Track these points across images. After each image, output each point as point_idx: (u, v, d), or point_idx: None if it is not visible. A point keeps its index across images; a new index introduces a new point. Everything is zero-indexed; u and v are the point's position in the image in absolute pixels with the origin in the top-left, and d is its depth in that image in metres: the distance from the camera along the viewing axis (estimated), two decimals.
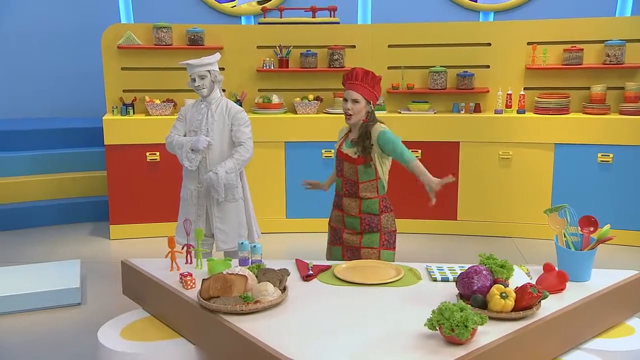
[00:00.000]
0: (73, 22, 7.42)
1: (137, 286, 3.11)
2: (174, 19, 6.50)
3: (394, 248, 3.70)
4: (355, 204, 3.60)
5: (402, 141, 3.83)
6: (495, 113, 5.90)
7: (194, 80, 4.19)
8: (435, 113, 6.00)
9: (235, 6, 7.66)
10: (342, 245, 3.64)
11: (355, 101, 3.49)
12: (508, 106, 5.90)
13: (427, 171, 3.57)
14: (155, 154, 5.80)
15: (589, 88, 5.83)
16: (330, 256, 3.71)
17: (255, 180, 5.82)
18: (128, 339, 2.78)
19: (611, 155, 5.61)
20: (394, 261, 3.62)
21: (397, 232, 5.90)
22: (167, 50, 5.98)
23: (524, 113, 5.87)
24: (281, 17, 6.41)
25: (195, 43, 5.98)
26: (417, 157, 5.81)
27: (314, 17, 6.39)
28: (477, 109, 5.98)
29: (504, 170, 5.87)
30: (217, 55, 4.34)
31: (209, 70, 4.21)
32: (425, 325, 2.35)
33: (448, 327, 2.28)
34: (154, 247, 5.53)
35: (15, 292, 4.40)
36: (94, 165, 6.59)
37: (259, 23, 6.45)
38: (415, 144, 5.92)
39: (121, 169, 5.84)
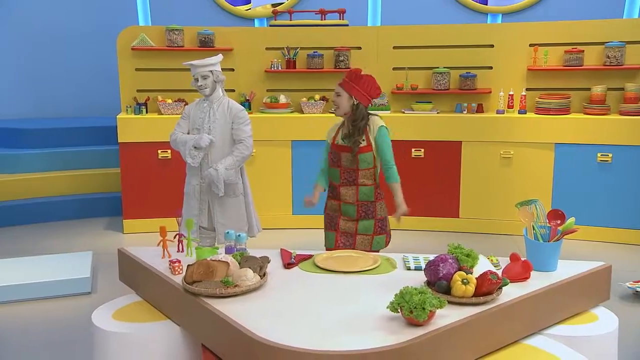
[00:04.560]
0: (93, 25, 7.70)
1: (131, 272, 3.31)
2: (190, 21, 6.73)
3: (385, 232, 4.01)
4: (353, 192, 3.87)
5: (405, 140, 4.41)
6: (497, 113, 6.02)
7: (196, 80, 4.38)
8: (438, 113, 6.13)
9: (249, 9, 7.88)
10: (337, 232, 3.88)
11: (337, 94, 3.83)
12: (510, 106, 6.01)
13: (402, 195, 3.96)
14: (166, 151, 6.02)
15: (589, 89, 5.91)
16: (326, 242, 3.97)
17: (263, 178, 6.04)
18: (119, 320, 2.98)
19: (610, 155, 5.68)
20: (385, 245, 3.98)
21: (401, 229, 6.15)
22: (179, 51, 6.21)
23: (525, 113, 5.97)
24: (291, 20, 6.60)
25: (206, 45, 6.20)
26: (419, 156, 6.03)
27: (322, 19, 6.56)
28: (479, 109, 6.10)
29: (505, 169, 5.98)
30: (220, 57, 4.51)
31: (211, 71, 4.37)
32: (387, 307, 2.51)
33: (407, 309, 2.43)
34: (170, 244, 5.75)
35: (31, 281, 4.65)
36: (109, 162, 6.85)
37: (270, 25, 6.65)
38: (418, 143, 6.07)
39: (134, 166, 6.08)
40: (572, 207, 5.69)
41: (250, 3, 7.88)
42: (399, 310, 2.48)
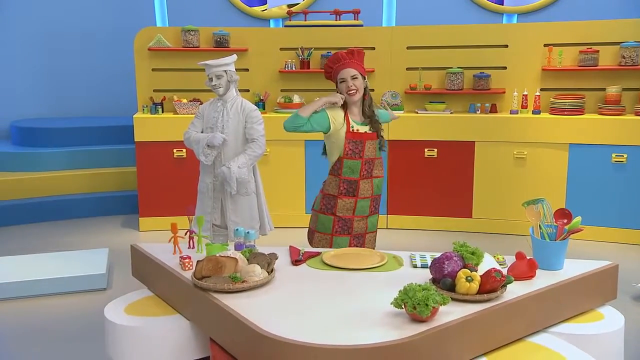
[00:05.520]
0: (112, 26, 7.83)
1: (144, 268, 3.38)
2: (207, 22, 6.81)
3: None
4: (369, 185, 3.73)
5: (418, 140, 5.36)
6: (510, 113, 6.02)
7: (211, 79, 4.44)
8: (451, 113, 6.15)
9: (265, 10, 7.94)
10: (350, 235, 3.76)
11: (354, 77, 3.64)
12: (524, 107, 6.00)
13: None
14: (182, 150, 6.10)
15: (604, 89, 5.90)
16: (326, 245, 3.80)
17: (277, 177, 6.10)
18: (131, 314, 3.04)
19: (625, 156, 5.66)
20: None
21: (412, 229, 6.26)
22: (195, 52, 6.28)
23: (540, 113, 5.97)
24: (305, 20, 6.64)
25: (221, 45, 6.27)
26: (433, 156, 6.05)
27: (337, 20, 6.60)
28: (493, 110, 6.10)
29: (518, 169, 5.97)
30: (234, 57, 4.57)
31: (225, 71, 4.43)
32: (391, 303, 2.54)
33: (411, 305, 2.46)
34: (181, 240, 5.83)
35: (48, 277, 4.76)
36: (126, 161, 6.97)
37: (285, 26, 6.71)
38: (432, 143, 6.09)
39: (150, 164, 6.17)
40: (586, 208, 5.70)
41: (266, 4, 7.94)
42: (403, 306, 2.51)
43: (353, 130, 3.68)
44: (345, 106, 3.74)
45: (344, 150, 3.67)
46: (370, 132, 3.72)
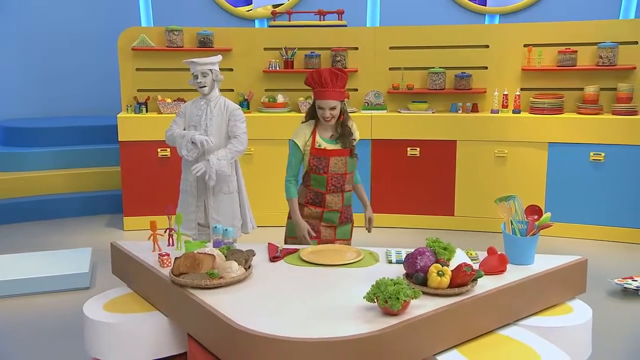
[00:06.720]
0: (97, 26, 7.84)
1: (123, 265, 3.41)
2: (192, 23, 6.85)
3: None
4: (339, 199, 3.75)
5: (400, 139, 5.43)
6: (491, 113, 6.10)
7: (196, 77, 4.47)
8: (433, 113, 6.22)
9: (250, 10, 7.98)
10: (318, 239, 3.74)
11: (333, 108, 3.60)
12: (504, 106, 6.08)
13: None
14: (166, 150, 6.12)
15: (582, 89, 5.99)
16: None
17: (262, 175, 6.15)
18: (109, 311, 3.07)
19: (603, 154, 5.75)
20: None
21: (395, 227, 6.27)
22: (179, 51, 6.32)
23: (520, 113, 6.05)
24: (290, 20, 6.69)
25: (205, 45, 6.31)
26: (415, 154, 6.12)
27: (321, 20, 6.65)
28: (474, 109, 6.18)
29: (499, 168, 6.05)
30: (219, 57, 4.61)
31: (210, 69, 4.48)
32: (364, 297, 2.60)
33: (382, 299, 2.52)
34: (161, 238, 5.86)
35: (31, 276, 4.79)
36: (110, 160, 6.98)
37: (269, 26, 6.76)
38: (414, 142, 6.16)
39: (134, 164, 6.20)
40: (565, 205, 5.80)
41: (251, 4, 7.99)
42: (375, 300, 2.56)
43: (318, 146, 3.67)
44: (316, 122, 3.72)
45: (309, 164, 3.71)
46: (338, 148, 3.67)
